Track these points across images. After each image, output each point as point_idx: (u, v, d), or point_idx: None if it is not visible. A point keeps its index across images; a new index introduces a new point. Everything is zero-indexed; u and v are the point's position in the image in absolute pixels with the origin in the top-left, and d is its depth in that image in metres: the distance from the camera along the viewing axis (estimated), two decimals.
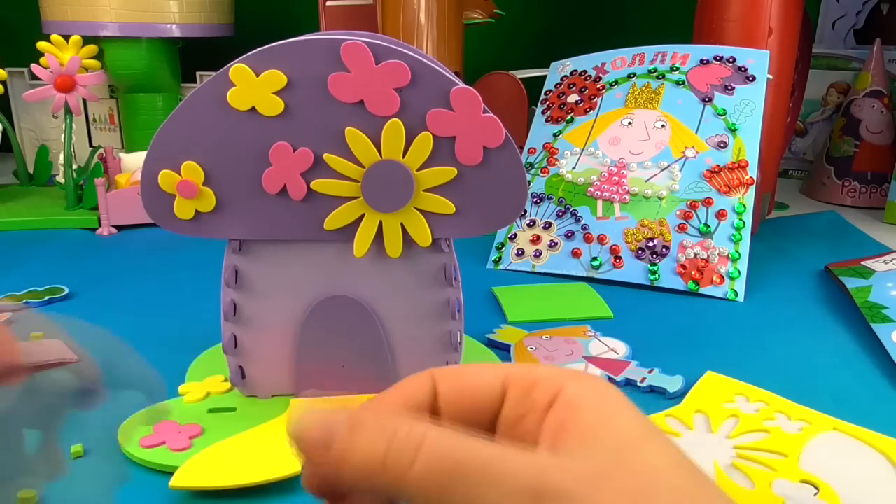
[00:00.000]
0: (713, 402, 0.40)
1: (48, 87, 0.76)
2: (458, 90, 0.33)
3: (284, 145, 0.34)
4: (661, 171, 0.63)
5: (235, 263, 0.38)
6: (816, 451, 0.36)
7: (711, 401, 0.40)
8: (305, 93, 0.34)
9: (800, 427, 0.38)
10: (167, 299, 0.56)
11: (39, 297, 0.55)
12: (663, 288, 0.59)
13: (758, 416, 0.39)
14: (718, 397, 0.41)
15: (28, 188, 0.88)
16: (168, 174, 0.35)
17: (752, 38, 0.69)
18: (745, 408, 0.40)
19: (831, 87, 1.01)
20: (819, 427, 0.38)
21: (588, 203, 0.64)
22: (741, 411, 0.39)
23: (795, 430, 0.38)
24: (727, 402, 0.40)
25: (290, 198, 0.35)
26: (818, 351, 0.49)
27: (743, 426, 0.38)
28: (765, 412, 0.39)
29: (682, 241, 0.60)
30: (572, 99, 0.72)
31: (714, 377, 0.43)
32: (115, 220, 0.74)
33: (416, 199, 0.35)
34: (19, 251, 0.68)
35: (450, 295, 0.38)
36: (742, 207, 0.60)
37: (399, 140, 0.34)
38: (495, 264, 0.65)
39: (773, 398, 0.41)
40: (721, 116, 0.64)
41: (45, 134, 0.98)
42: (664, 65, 0.69)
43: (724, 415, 0.39)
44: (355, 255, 0.37)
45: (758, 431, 0.38)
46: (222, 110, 0.34)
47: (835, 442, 0.37)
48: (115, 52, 0.87)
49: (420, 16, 0.74)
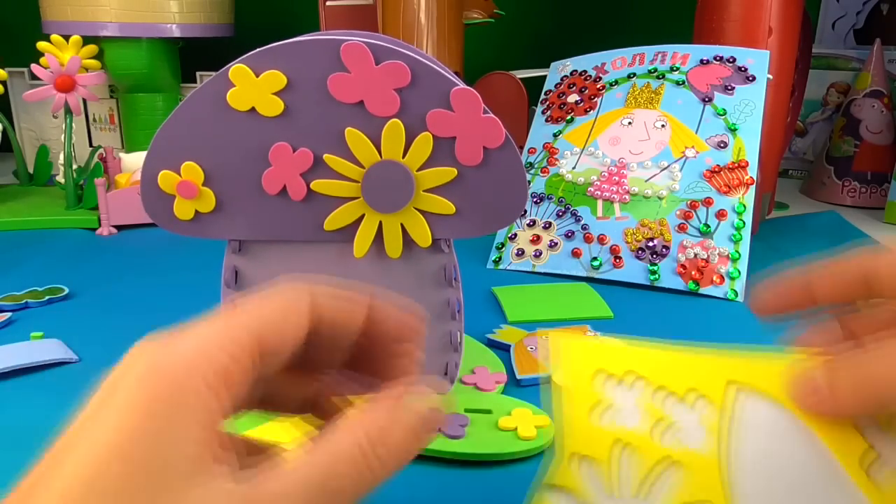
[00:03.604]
0: (579, 410, 0.25)
1: (48, 87, 0.76)
2: (458, 90, 0.33)
3: (284, 146, 0.34)
4: (661, 171, 0.63)
5: (235, 264, 0.38)
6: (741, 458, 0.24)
7: (578, 409, 0.25)
8: (305, 93, 0.34)
9: (699, 418, 0.24)
10: (167, 299, 0.56)
11: (39, 297, 0.55)
12: (663, 288, 0.59)
13: (646, 422, 0.24)
14: (583, 396, 0.25)
15: (28, 188, 0.88)
16: (168, 174, 0.35)
17: (752, 38, 0.69)
18: (624, 409, 0.25)
19: (831, 87, 1.01)
20: (715, 395, 0.24)
21: (588, 203, 0.64)
22: (625, 426, 0.24)
23: (699, 437, 0.24)
24: (599, 410, 0.25)
25: (290, 198, 0.35)
26: None
27: (641, 463, 0.23)
28: (646, 404, 0.25)
29: (682, 241, 0.60)
30: (572, 99, 0.72)
31: (566, 343, 0.26)
32: (115, 220, 0.74)
33: (416, 200, 0.35)
34: (19, 251, 0.68)
35: (450, 295, 0.38)
36: (742, 207, 0.60)
37: (399, 140, 0.34)
38: (495, 264, 0.65)
39: (639, 359, 0.26)
40: (721, 116, 0.64)
41: (45, 134, 0.98)
42: (664, 65, 0.69)
43: (607, 449, 0.24)
44: (355, 256, 0.37)
45: (661, 466, 0.24)
46: (222, 111, 0.34)
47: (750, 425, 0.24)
48: (115, 52, 0.87)
49: (420, 16, 0.74)
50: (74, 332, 0.50)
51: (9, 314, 0.52)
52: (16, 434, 0.38)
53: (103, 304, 0.56)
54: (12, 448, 0.19)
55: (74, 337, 0.49)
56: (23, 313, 0.53)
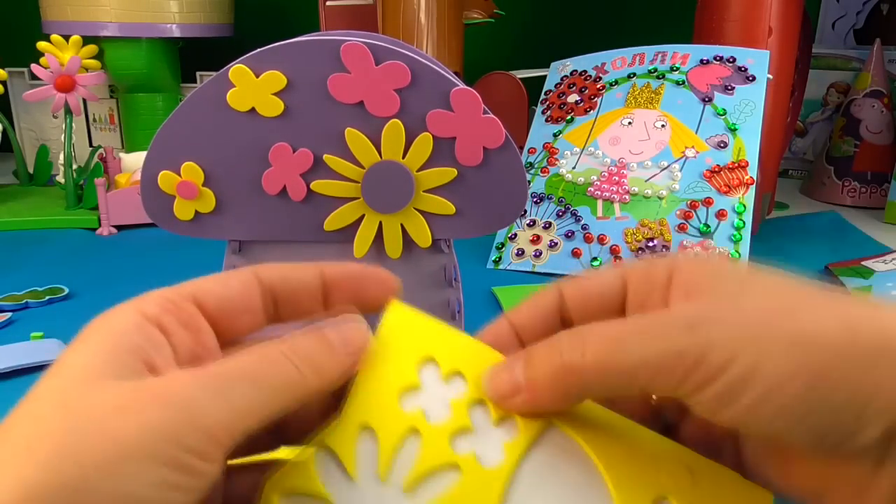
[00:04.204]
0: (389, 386, 0.23)
1: (48, 87, 0.76)
2: (458, 91, 0.33)
3: (284, 146, 0.34)
4: (661, 171, 0.63)
5: (235, 264, 0.38)
6: None
7: (388, 384, 0.23)
8: (305, 93, 0.34)
9: (503, 440, 0.23)
10: None
11: (39, 297, 0.55)
12: None
13: (449, 423, 0.23)
14: (400, 374, 0.23)
15: (28, 188, 0.88)
16: (168, 175, 0.35)
17: (752, 38, 0.69)
18: (434, 402, 0.23)
19: (831, 87, 1.01)
20: (529, 432, 0.23)
21: (588, 203, 0.64)
22: (426, 418, 0.23)
23: (494, 456, 0.22)
24: (408, 393, 0.23)
25: (290, 199, 0.35)
26: None
27: (424, 459, 0.22)
28: (459, 408, 0.23)
29: (682, 241, 0.60)
30: (572, 99, 0.72)
31: (408, 315, 0.25)
32: (115, 220, 0.74)
33: (416, 200, 0.35)
34: (19, 251, 0.68)
35: (450, 295, 0.38)
36: (742, 207, 0.60)
37: (399, 141, 0.34)
38: (495, 264, 0.65)
39: (474, 362, 0.24)
40: (721, 116, 0.64)
41: (45, 134, 0.98)
42: (664, 65, 0.69)
43: (398, 433, 0.22)
44: (355, 256, 0.37)
45: (442, 470, 0.22)
46: (222, 111, 0.34)
47: (548, 467, 0.22)
48: (115, 52, 0.87)
49: (420, 16, 0.74)
50: (74, 332, 0.49)
51: (9, 314, 0.52)
52: None
53: (103, 304, 0.55)
54: None
55: (74, 337, 0.49)
56: (23, 313, 0.53)
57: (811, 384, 0.19)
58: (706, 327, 0.20)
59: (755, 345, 0.19)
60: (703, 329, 0.20)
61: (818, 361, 0.19)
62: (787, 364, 0.19)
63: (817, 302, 0.20)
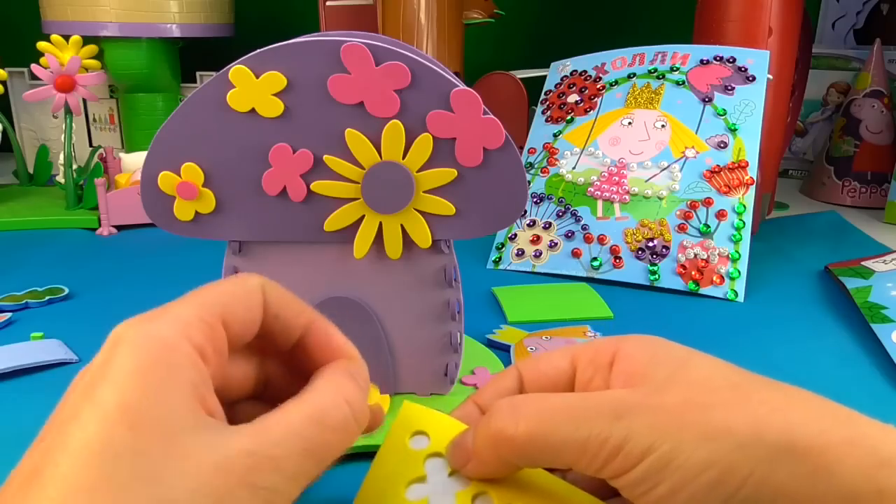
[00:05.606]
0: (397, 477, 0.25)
1: (48, 87, 0.76)
2: (459, 92, 0.33)
3: (284, 147, 0.34)
4: (661, 171, 0.63)
5: (235, 265, 0.38)
6: None
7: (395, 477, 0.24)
8: (305, 94, 0.34)
9: None
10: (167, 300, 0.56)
11: (39, 297, 0.55)
12: (663, 288, 0.59)
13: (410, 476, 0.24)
14: (407, 467, 0.25)
15: (28, 188, 0.88)
16: (168, 175, 0.35)
17: (752, 38, 0.69)
18: (439, 486, 0.24)
19: (831, 87, 1.01)
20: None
21: (588, 203, 0.64)
22: None
23: None
24: (414, 482, 0.24)
25: (290, 199, 0.35)
26: (818, 351, 0.49)
27: None
28: None
29: (682, 242, 0.60)
30: (572, 99, 0.72)
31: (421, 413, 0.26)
32: (115, 220, 0.74)
33: (416, 201, 0.35)
34: (19, 251, 0.68)
35: (450, 296, 0.38)
36: (742, 207, 0.60)
37: (399, 141, 0.34)
38: (495, 264, 0.65)
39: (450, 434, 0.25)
40: (721, 116, 0.64)
41: (45, 134, 0.98)
42: (664, 65, 0.69)
43: None
44: (355, 257, 0.37)
45: None
46: (222, 112, 0.34)
47: None
48: (115, 52, 0.87)
49: (420, 16, 0.74)
50: (74, 332, 0.50)
51: (9, 314, 0.52)
52: (16, 434, 0.38)
53: (103, 304, 0.56)
54: (13, 448, 0.19)
55: (74, 337, 0.49)
56: (23, 313, 0.53)
57: (719, 479, 0.20)
58: (630, 418, 0.21)
59: (671, 437, 0.21)
60: (627, 419, 0.21)
61: (725, 457, 0.20)
62: (697, 457, 0.20)
63: (732, 397, 0.22)
